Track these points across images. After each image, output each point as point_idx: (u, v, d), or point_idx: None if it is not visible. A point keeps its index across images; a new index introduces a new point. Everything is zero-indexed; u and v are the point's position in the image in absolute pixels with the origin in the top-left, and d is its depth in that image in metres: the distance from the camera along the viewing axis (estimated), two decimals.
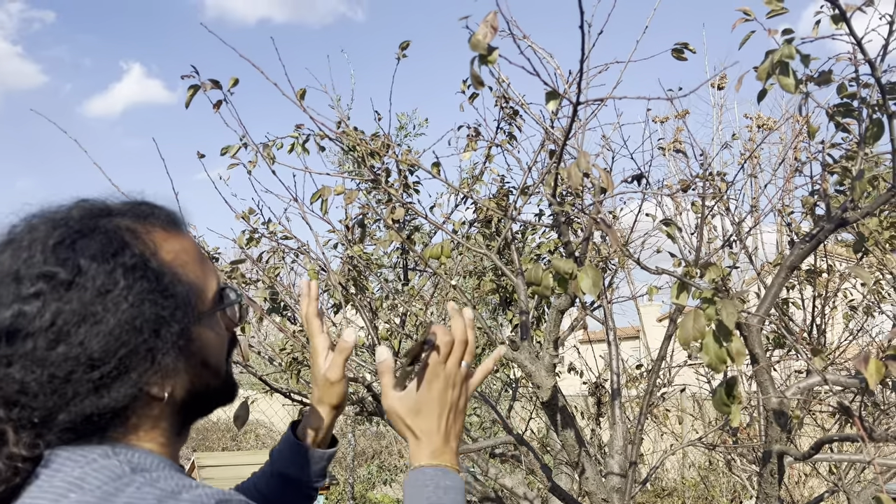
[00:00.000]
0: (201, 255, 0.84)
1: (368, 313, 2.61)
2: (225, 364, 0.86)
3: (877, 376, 1.04)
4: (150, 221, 0.80)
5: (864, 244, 1.99)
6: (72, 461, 0.71)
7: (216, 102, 2.10)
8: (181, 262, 0.80)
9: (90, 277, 0.72)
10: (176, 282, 0.78)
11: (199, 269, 0.82)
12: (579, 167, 1.25)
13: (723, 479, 6.75)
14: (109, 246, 0.74)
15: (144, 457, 0.75)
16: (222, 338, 0.85)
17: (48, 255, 0.72)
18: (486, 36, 1.17)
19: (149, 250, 0.77)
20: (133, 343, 0.73)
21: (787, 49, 1.25)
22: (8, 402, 0.71)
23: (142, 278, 0.74)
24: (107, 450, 0.73)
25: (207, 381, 0.83)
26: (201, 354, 0.81)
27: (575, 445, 1.89)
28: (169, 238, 0.80)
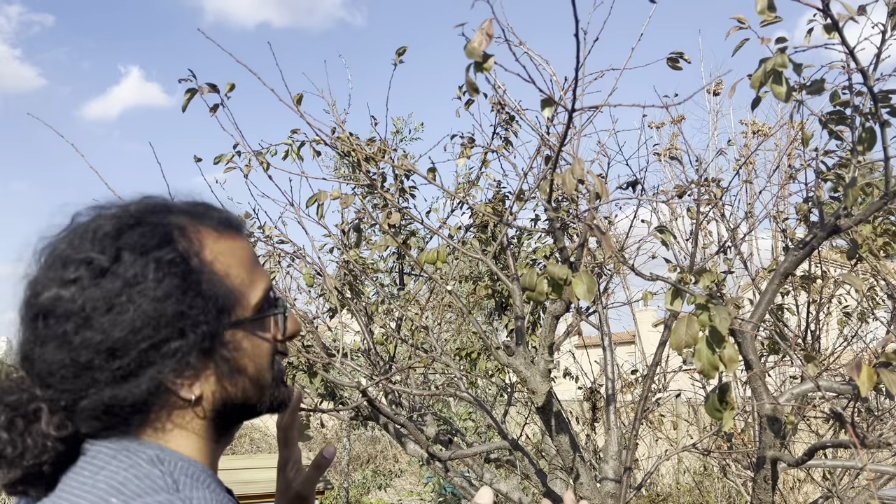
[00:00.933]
0: (252, 261, 0.84)
1: (364, 318, 2.61)
2: (269, 374, 0.83)
3: (869, 384, 1.04)
4: (203, 221, 0.81)
5: (857, 251, 2.01)
6: (118, 461, 0.73)
7: (213, 106, 2.11)
8: (224, 264, 0.80)
9: (125, 267, 0.73)
10: (213, 283, 0.77)
11: (245, 274, 0.81)
12: (574, 174, 1.26)
13: (717, 485, 6.75)
14: (151, 239, 0.76)
15: (187, 467, 0.75)
16: (264, 348, 0.83)
17: (95, 243, 0.74)
18: (481, 43, 1.18)
19: (192, 248, 0.77)
20: (155, 337, 0.73)
21: (780, 58, 1.26)
22: (42, 382, 0.74)
23: (174, 275, 0.75)
24: (153, 455, 0.74)
25: (244, 390, 0.81)
26: (235, 361, 0.80)
27: (570, 451, 1.90)
28: (219, 239, 0.81)
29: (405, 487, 8.45)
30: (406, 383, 3.07)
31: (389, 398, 3.01)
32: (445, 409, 6.44)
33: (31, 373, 0.74)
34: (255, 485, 3.83)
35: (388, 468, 8.78)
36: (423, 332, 2.87)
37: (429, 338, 2.67)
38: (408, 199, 2.81)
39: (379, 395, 3.03)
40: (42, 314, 0.73)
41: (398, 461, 9.36)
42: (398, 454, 9.47)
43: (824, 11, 1.26)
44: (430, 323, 2.94)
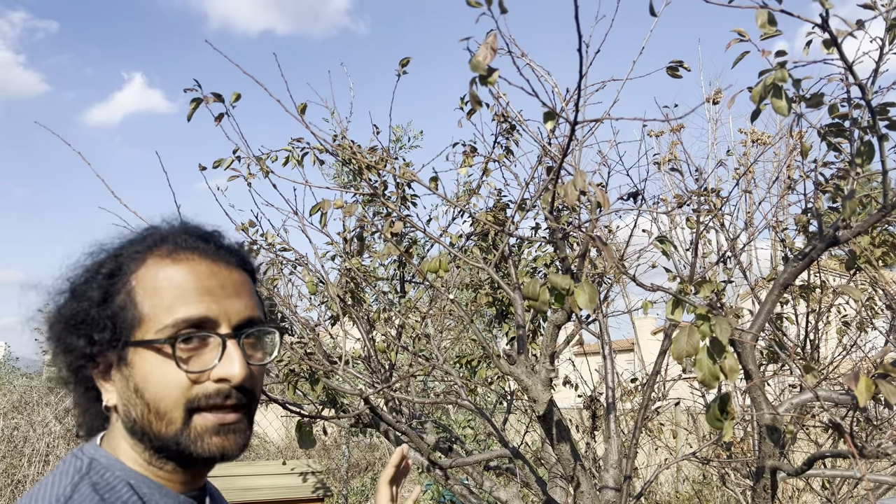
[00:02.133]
0: (193, 289, 0.87)
1: (365, 325, 2.63)
2: (177, 409, 0.83)
3: (867, 394, 1.06)
4: (163, 245, 0.91)
5: (856, 261, 2.02)
6: (64, 459, 0.90)
7: (218, 116, 2.12)
8: (146, 288, 0.87)
9: (66, 289, 0.91)
10: (125, 302, 0.87)
11: (168, 301, 0.86)
12: (576, 185, 1.28)
13: (717, 494, 6.75)
14: (101, 264, 0.91)
15: (104, 472, 0.86)
16: (168, 376, 0.83)
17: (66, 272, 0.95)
18: (486, 57, 1.19)
19: (127, 270, 0.88)
20: (74, 329, 0.87)
21: (780, 73, 1.28)
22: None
23: (97, 287, 0.88)
24: (87, 453, 0.88)
25: (144, 415, 0.85)
26: (133, 379, 0.85)
27: (570, 459, 1.91)
28: (164, 266, 0.88)
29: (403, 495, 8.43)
30: (406, 391, 3.08)
31: (390, 405, 3.01)
32: (445, 416, 6.44)
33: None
34: (254, 491, 3.83)
35: None
36: (424, 339, 2.88)
37: (429, 345, 2.68)
38: (409, 207, 2.82)
39: (379, 403, 3.04)
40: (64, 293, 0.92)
41: None
42: None
43: (823, 27, 1.28)
44: (431, 331, 2.96)
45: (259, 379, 0.91)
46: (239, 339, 0.87)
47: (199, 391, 0.83)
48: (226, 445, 0.85)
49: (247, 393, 0.87)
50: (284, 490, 3.95)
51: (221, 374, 0.84)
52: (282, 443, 9.40)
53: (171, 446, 0.84)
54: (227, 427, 0.85)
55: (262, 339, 0.92)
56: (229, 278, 0.89)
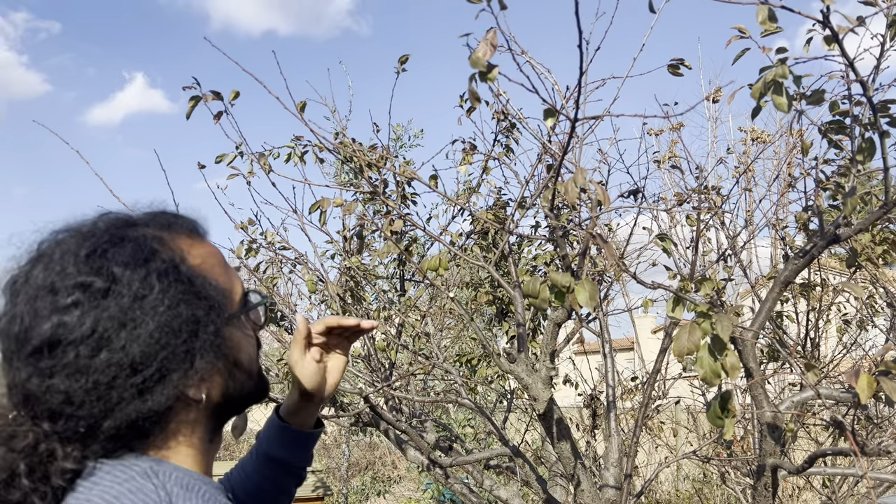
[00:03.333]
0: (224, 260, 0.87)
1: None
2: (257, 365, 0.88)
3: (868, 391, 1.05)
4: (174, 230, 0.83)
5: (856, 259, 2.02)
6: (112, 476, 0.72)
7: (216, 114, 2.12)
8: (208, 266, 0.83)
9: (125, 284, 0.74)
10: (206, 284, 0.80)
11: (225, 274, 0.85)
12: (576, 183, 1.27)
13: (717, 492, 6.75)
14: (140, 253, 0.76)
15: (181, 478, 0.75)
16: (250, 339, 0.87)
17: (81, 266, 0.74)
18: (485, 53, 1.19)
19: (177, 256, 0.79)
20: (173, 345, 0.74)
21: (780, 69, 1.27)
22: (53, 415, 0.72)
23: (176, 282, 0.77)
24: (146, 468, 0.73)
25: (241, 383, 0.85)
26: (233, 355, 0.83)
27: (570, 457, 1.90)
28: (194, 245, 0.83)
29: (404, 494, 8.44)
30: (406, 390, 3.08)
31: (390, 404, 3.01)
32: (445, 415, 6.43)
33: (36, 410, 0.72)
34: None
35: (386, 474, 8.77)
36: (424, 338, 2.87)
37: (429, 344, 2.68)
38: (409, 205, 2.82)
39: (379, 402, 3.04)
40: (45, 346, 0.71)
41: (397, 467, 9.35)
42: (397, 460, 9.46)
43: (824, 23, 1.27)
44: (431, 329, 2.95)
45: None
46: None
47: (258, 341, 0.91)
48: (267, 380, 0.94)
49: None
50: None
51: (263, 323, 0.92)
52: None
53: (258, 394, 0.88)
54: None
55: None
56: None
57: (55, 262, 0.75)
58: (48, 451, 0.71)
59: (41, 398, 0.72)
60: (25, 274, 0.76)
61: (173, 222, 0.84)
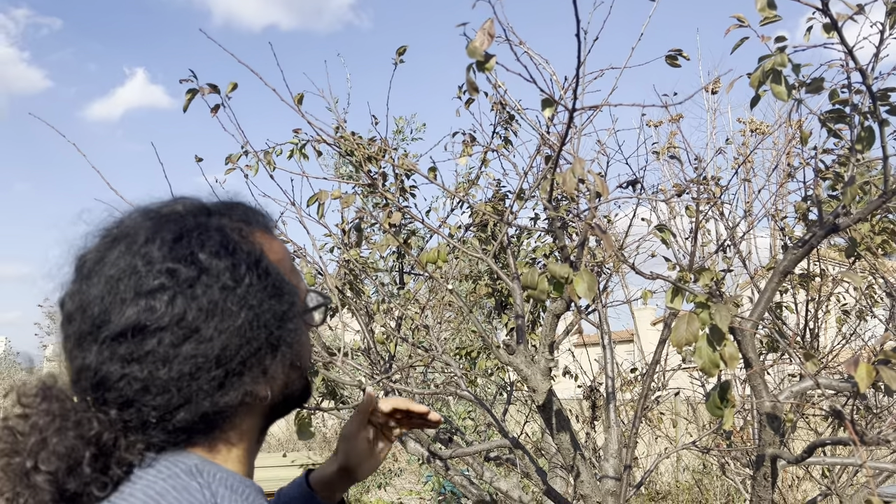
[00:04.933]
0: (292, 260, 0.85)
1: (364, 317, 2.62)
2: (308, 364, 0.86)
3: (867, 380, 1.05)
4: (252, 224, 0.80)
5: (856, 249, 2.01)
6: (155, 471, 0.70)
7: (213, 107, 2.11)
8: (282, 262, 0.80)
9: (214, 274, 0.72)
10: (285, 281, 0.78)
11: (294, 272, 0.83)
12: (574, 173, 1.27)
13: (717, 483, 6.77)
14: (226, 243, 0.74)
15: (225, 478, 0.72)
16: (309, 339, 0.86)
17: (167, 251, 0.71)
18: (483, 43, 1.18)
19: (258, 250, 0.77)
20: (259, 340, 0.73)
21: (779, 57, 1.27)
22: (125, 403, 0.70)
23: (264, 275, 0.75)
24: (192, 466, 0.71)
25: (297, 381, 0.81)
26: (297, 353, 0.79)
27: (570, 449, 1.90)
28: (268, 241, 0.81)
29: (405, 486, 8.47)
30: (406, 382, 3.08)
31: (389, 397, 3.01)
32: (445, 408, 6.44)
33: (107, 396, 0.70)
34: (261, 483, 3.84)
35: (387, 467, 8.79)
36: (423, 330, 2.87)
37: (429, 336, 2.68)
38: (408, 198, 2.81)
39: (379, 395, 3.04)
40: (129, 331, 0.69)
41: (398, 460, 9.37)
42: (397, 453, 9.49)
43: (823, 11, 1.26)
44: (431, 322, 2.95)
45: None
46: None
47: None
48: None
49: None
50: (285, 482, 3.95)
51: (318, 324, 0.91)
52: (283, 436, 9.43)
53: (306, 395, 0.85)
54: None
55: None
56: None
57: (138, 244, 0.72)
58: (112, 440, 0.69)
59: (116, 385, 0.69)
60: (101, 255, 0.72)
61: (251, 215, 0.82)
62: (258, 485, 0.78)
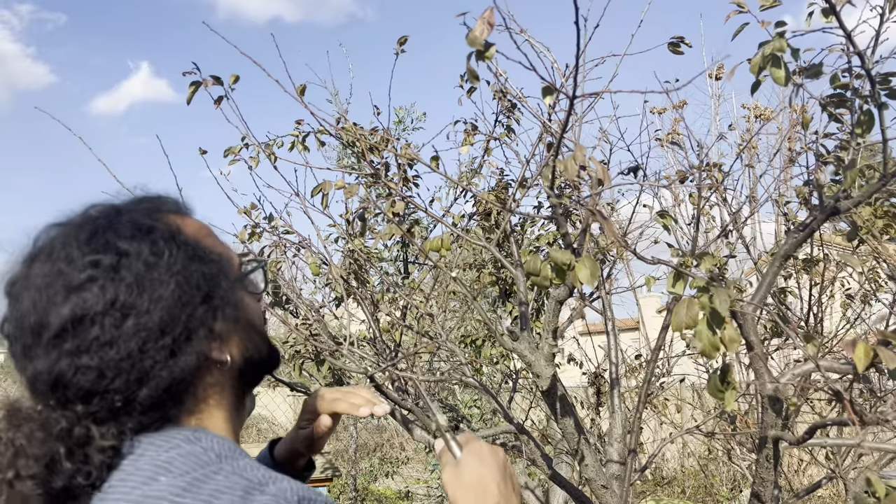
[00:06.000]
0: (214, 232, 0.89)
1: (370, 306, 2.64)
2: (265, 327, 0.90)
3: (865, 360, 1.06)
4: (162, 209, 0.84)
5: (857, 233, 2.02)
6: (155, 446, 0.73)
7: (217, 99, 2.13)
8: (202, 235, 0.85)
9: (135, 254, 0.74)
10: (207, 250, 0.82)
11: (218, 243, 0.87)
12: (575, 160, 1.28)
13: (723, 469, 6.79)
14: (140, 226, 0.77)
15: (222, 443, 0.75)
16: (257, 303, 0.89)
17: (85, 249, 0.74)
18: (482, 32, 1.19)
19: (173, 226, 0.80)
20: (193, 302, 0.76)
21: (778, 42, 1.27)
22: (87, 395, 0.72)
23: (184, 244, 0.78)
24: (188, 435, 0.74)
25: (258, 344, 0.86)
26: (248, 317, 0.84)
27: (574, 433, 1.92)
28: (184, 220, 0.85)
29: (412, 475, 8.53)
30: (412, 371, 3.11)
31: (395, 385, 3.04)
32: (451, 396, 6.48)
33: (67, 394, 0.72)
34: None
35: (394, 456, 8.85)
36: (428, 319, 2.89)
37: (434, 325, 2.70)
38: (411, 188, 2.82)
39: (385, 383, 3.07)
40: (68, 326, 0.71)
41: (405, 449, 9.42)
42: (405, 442, 9.54)
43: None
44: (435, 310, 2.97)
45: None
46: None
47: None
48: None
49: None
50: None
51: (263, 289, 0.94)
52: (290, 424, 9.49)
53: (273, 361, 0.89)
54: None
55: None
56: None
57: (56, 252, 0.75)
58: (85, 434, 0.71)
59: (72, 380, 0.71)
60: (24, 273, 0.75)
61: (160, 203, 0.85)
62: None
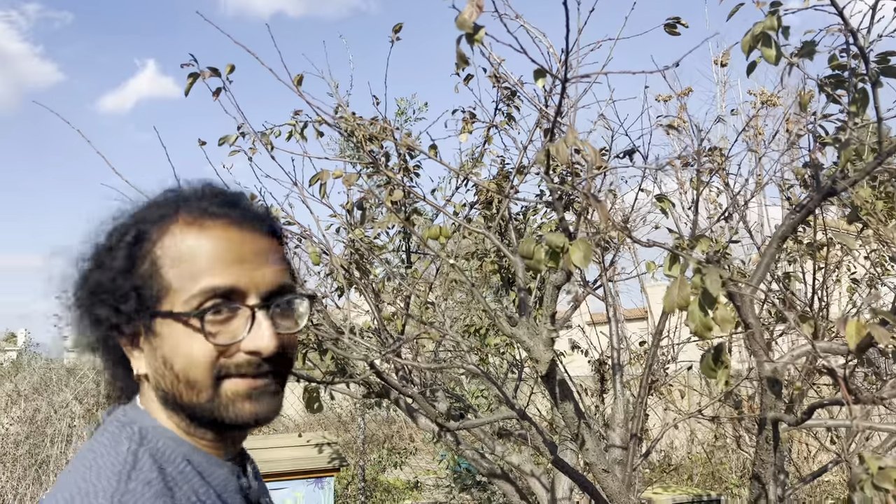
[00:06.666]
0: (219, 258, 0.83)
1: (372, 295, 2.65)
2: (206, 378, 0.82)
3: (856, 338, 1.06)
4: (188, 210, 0.86)
5: (857, 215, 2.01)
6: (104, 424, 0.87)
7: (215, 91, 2.14)
8: (172, 257, 0.83)
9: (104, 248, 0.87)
10: (150, 271, 0.84)
11: (193, 270, 0.82)
12: (567, 143, 1.28)
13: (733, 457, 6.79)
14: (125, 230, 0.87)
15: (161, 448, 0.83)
16: (195, 347, 0.81)
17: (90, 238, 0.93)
18: (471, 15, 1.19)
19: (152, 238, 0.84)
20: (98, 298, 0.85)
21: (769, 21, 1.27)
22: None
23: (121, 255, 0.85)
24: (121, 418, 0.86)
25: (173, 384, 0.83)
26: (161, 350, 0.83)
27: (574, 418, 1.93)
28: (189, 232, 0.84)
29: (421, 465, 8.57)
30: (416, 359, 3.12)
31: (400, 374, 3.05)
32: (458, 387, 6.51)
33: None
34: (271, 464, 3.91)
35: (403, 447, 8.89)
36: (430, 308, 2.90)
37: (435, 314, 2.71)
38: (412, 177, 2.83)
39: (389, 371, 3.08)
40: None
41: (413, 440, 9.46)
42: (413, 434, 9.58)
43: None
44: (438, 300, 2.98)
45: (292, 346, 0.88)
46: (269, 309, 0.84)
47: (227, 362, 0.82)
48: (258, 410, 0.84)
49: (278, 362, 0.85)
50: (301, 461, 4.02)
51: (252, 346, 0.82)
52: (299, 418, 9.54)
53: (206, 414, 0.83)
54: (258, 391, 0.83)
55: (292, 306, 0.88)
56: (258, 245, 0.86)
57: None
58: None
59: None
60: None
61: (196, 201, 0.87)
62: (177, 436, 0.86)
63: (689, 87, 3.25)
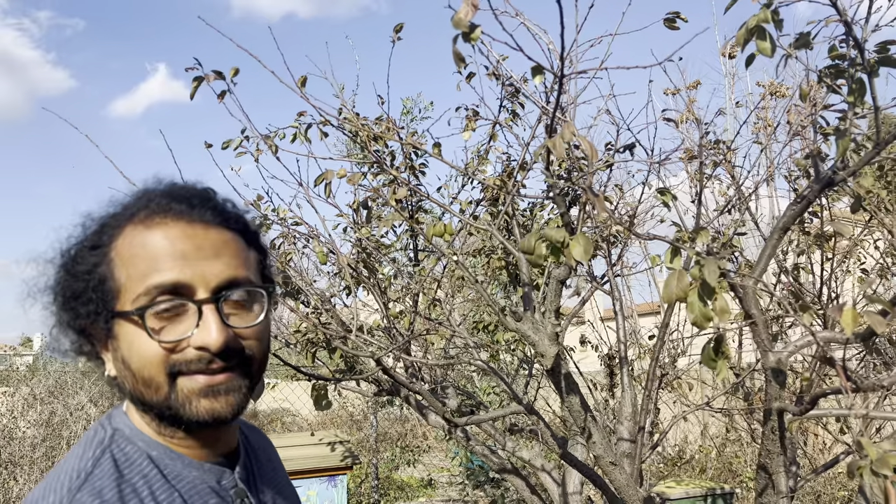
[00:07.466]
0: (163, 255, 0.83)
1: (379, 293, 2.68)
2: (161, 375, 0.82)
3: (852, 325, 1.07)
4: (142, 210, 0.87)
5: (860, 204, 2.01)
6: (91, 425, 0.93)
7: (220, 93, 2.16)
8: (122, 258, 0.85)
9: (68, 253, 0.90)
10: (105, 273, 0.85)
11: (143, 269, 0.83)
12: (563, 138, 1.29)
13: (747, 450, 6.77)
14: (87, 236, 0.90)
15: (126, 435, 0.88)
16: (145, 345, 0.82)
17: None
18: (467, 14, 1.21)
19: (107, 240, 0.87)
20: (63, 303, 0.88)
21: (763, 13, 1.28)
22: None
23: (82, 260, 0.87)
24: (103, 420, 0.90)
25: (133, 383, 0.84)
26: (119, 350, 0.85)
27: (580, 411, 1.95)
28: (143, 231, 0.86)
29: (433, 463, 8.60)
30: (425, 357, 3.14)
31: (409, 372, 3.07)
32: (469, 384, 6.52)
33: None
34: (284, 462, 3.94)
35: (416, 444, 8.92)
36: (439, 305, 2.92)
37: (442, 311, 2.73)
38: (418, 176, 2.85)
39: (397, 368, 3.10)
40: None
41: (427, 438, 9.49)
42: (427, 432, 9.61)
43: None
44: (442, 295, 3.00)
45: (256, 338, 0.87)
46: (218, 303, 0.82)
47: (178, 358, 0.81)
48: (216, 408, 0.83)
49: (232, 356, 0.83)
50: (314, 460, 4.06)
51: (199, 342, 0.81)
52: (312, 417, 9.60)
53: (165, 412, 0.83)
54: (215, 388, 0.82)
55: (252, 298, 0.87)
56: (206, 239, 0.85)
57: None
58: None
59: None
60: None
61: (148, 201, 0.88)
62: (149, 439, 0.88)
63: (697, 80, 3.25)
